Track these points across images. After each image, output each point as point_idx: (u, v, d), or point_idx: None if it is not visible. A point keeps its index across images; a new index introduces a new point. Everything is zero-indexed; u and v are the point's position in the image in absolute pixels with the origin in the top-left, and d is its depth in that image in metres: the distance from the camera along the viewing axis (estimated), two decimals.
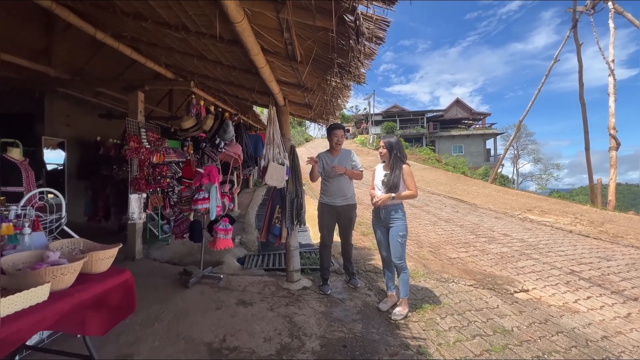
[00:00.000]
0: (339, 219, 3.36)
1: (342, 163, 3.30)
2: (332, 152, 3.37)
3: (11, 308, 1.13)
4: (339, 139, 3.33)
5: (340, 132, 3.34)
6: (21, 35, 4.21)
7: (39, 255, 1.46)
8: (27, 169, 3.28)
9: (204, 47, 2.59)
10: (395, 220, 2.77)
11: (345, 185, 3.29)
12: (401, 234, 2.75)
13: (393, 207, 2.77)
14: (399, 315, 2.75)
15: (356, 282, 3.41)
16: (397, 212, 2.77)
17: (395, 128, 32.76)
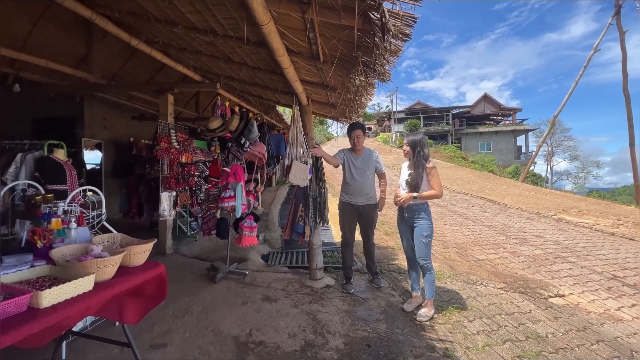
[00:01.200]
0: (360, 218, 3.32)
1: (366, 163, 3.26)
2: (355, 151, 3.32)
3: (62, 296, 1.23)
4: (355, 141, 3.22)
5: (357, 133, 3.21)
6: (64, 44, 4.53)
7: (84, 249, 1.57)
8: (70, 168, 3.54)
9: (230, 50, 2.66)
10: (419, 220, 2.70)
11: (368, 184, 3.25)
12: (425, 234, 2.68)
13: (417, 207, 2.70)
14: (424, 316, 2.69)
15: (380, 282, 3.37)
16: (421, 212, 2.70)
17: (419, 125, 31.97)
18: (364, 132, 3.28)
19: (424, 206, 2.71)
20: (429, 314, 2.71)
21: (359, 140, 3.23)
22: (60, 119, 6.66)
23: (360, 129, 3.24)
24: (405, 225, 2.84)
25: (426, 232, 2.68)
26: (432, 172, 2.63)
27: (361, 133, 3.24)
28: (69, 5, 2.21)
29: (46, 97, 6.13)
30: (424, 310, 2.74)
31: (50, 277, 1.39)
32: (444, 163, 18.65)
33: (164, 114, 4.40)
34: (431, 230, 2.71)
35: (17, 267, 1.39)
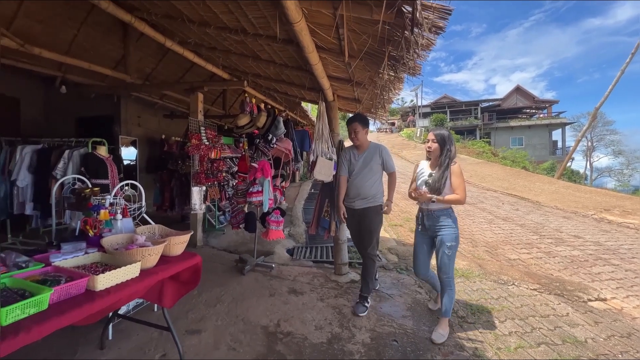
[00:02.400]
0: (359, 224, 2.87)
1: (368, 161, 2.80)
2: (356, 147, 2.88)
3: (113, 280, 1.34)
4: (353, 135, 2.79)
5: (354, 127, 2.76)
6: (104, 47, 4.83)
7: (130, 238, 1.70)
8: (111, 164, 3.79)
9: (259, 48, 2.72)
10: (442, 228, 2.32)
11: (367, 185, 2.78)
12: (449, 244, 2.29)
13: (440, 212, 2.32)
14: (440, 337, 2.33)
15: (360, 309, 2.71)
16: (446, 219, 2.32)
17: (445, 120, 30.90)
18: (363, 124, 2.77)
19: (448, 211, 2.33)
20: (444, 335, 2.35)
21: (357, 135, 2.77)
22: (100, 118, 7.10)
23: (358, 121, 2.77)
24: (425, 235, 2.46)
25: (450, 241, 2.30)
26: (457, 173, 2.29)
27: (359, 126, 2.76)
28: (112, 10, 2.36)
29: (88, 98, 6.56)
30: (440, 331, 2.37)
31: (102, 263, 1.52)
32: (472, 159, 17.94)
33: (195, 111, 4.58)
34: (457, 240, 2.33)
35: (73, 253, 1.52)
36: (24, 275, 1.23)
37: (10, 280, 1.17)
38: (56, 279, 1.22)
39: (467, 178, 13.18)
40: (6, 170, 3.62)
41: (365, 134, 2.82)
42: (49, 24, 4.06)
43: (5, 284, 1.15)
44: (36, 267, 1.31)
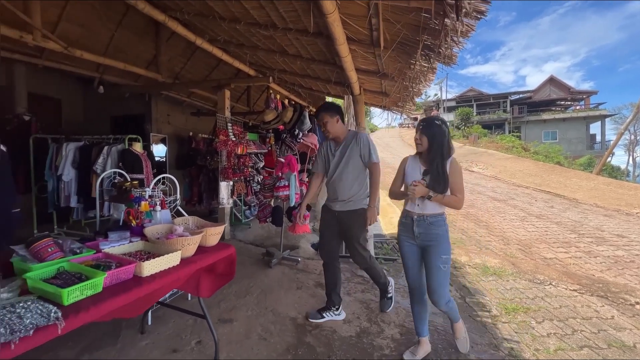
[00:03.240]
0: (339, 229, 2.46)
1: (344, 153, 2.35)
2: (335, 140, 2.43)
3: (157, 267, 1.40)
4: (323, 128, 2.37)
5: (322, 117, 2.31)
6: (137, 48, 5.04)
7: (169, 228, 1.77)
8: (145, 159, 3.98)
9: (287, 43, 2.74)
10: (435, 238, 1.90)
11: (345, 184, 2.35)
12: (444, 256, 1.90)
13: (435, 218, 1.90)
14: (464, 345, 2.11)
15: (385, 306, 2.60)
16: (439, 226, 1.90)
17: (472, 114, 29.74)
18: (331, 113, 2.28)
19: (443, 217, 1.93)
20: (466, 341, 2.11)
21: (327, 126, 2.32)
22: (132, 117, 7.44)
23: (323, 110, 2.30)
24: (413, 243, 1.99)
25: (446, 253, 1.92)
26: (458, 171, 1.87)
27: (327, 116, 2.29)
28: (148, 11, 2.46)
29: (121, 98, 6.89)
30: (462, 337, 2.10)
31: (145, 252, 1.60)
32: (501, 154, 17.16)
33: (222, 108, 4.69)
34: (450, 253, 1.99)
35: (119, 241, 1.61)
36: (79, 260, 1.32)
37: (68, 264, 1.26)
38: (107, 264, 1.30)
39: (495, 174, 12.65)
40: (53, 166, 3.89)
41: (337, 123, 2.32)
42: (88, 28, 4.29)
43: (64, 268, 1.24)
44: (88, 253, 1.40)
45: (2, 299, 1.03)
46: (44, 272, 1.19)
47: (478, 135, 23.67)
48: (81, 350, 1.98)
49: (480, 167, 14.24)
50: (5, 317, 0.92)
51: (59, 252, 1.32)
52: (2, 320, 0.91)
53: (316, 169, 2.55)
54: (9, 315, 0.93)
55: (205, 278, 1.89)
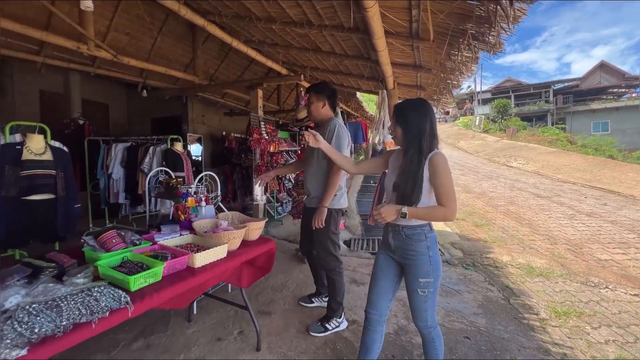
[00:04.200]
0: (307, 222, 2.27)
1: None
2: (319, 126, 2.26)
3: (207, 259, 1.48)
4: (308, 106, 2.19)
5: (310, 96, 2.15)
6: (176, 53, 5.31)
7: (215, 223, 1.86)
8: (186, 158, 4.20)
9: (321, 40, 2.75)
10: (413, 257, 1.45)
11: (311, 176, 2.15)
12: (423, 280, 1.44)
13: (411, 230, 1.45)
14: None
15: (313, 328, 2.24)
16: (417, 241, 1.44)
17: (509, 105, 27.98)
18: (320, 96, 2.09)
19: (423, 230, 1.45)
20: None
21: (311, 108, 2.13)
22: (170, 118, 7.87)
23: (314, 91, 2.12)
24: (390, 257, 1.57)
25: (425, 276, 1.44)
26: (441, 169, 1.36)
27: (313, 96, 2.11)
28: (189, 16, 2.58)
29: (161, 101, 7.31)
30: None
31: (194, 244, 1.69)
32: (543, 148, 16.00)
33: (255, 107, 4.81)
34: (436, 274, 1.46)
35: (171, 234, 1.72)
36: (139, 250, 1.43)
37: (130, 254, 1.37)
38: (164, 255, 1.39)
39: (537, 169, 11.80)
40: (104, 165, 4.22)
41: (322, 108, 2.11)
42: (133, 36, 4.59)
43: (127, 257, 1.35)
44: (146, 245, 1.51)
45: (78, 284, 1.15)
46: (111, 260, 1.30)
47: (517, 128, 22.24)
48: (137, 335, 2.15)
49: (520, 162, 13.38)
50: (85, 300, 1.02)
51: (122, 243, 1.43)
52: (82, 302, 1.01)
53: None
54: (87, 298, 1.03)
55: (246, 270, 1.96)
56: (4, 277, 1.10)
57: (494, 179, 10.07)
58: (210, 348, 2.05)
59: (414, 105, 1.45)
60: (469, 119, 29.69)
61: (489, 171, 11.87)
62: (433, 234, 1.48)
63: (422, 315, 1.51)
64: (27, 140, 2.48)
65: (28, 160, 2.42)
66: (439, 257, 1.48)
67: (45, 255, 1.35)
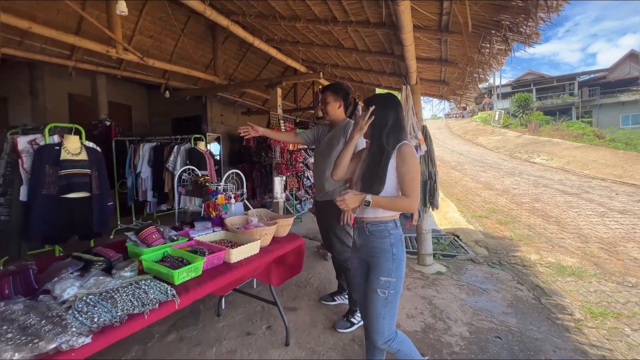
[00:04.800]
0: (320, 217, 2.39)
1: (331, 143, 2.18)
2: (329, 125, 2.28)
3: (242, 255, 1.51)
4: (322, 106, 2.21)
5: (325, 96, 2.17)
6: (197, 54, 5.42)
7: (245, 219, 1.89)
8: (208, 157, 4.29)
9: (344, 36, 2.74)
10: (376, 254, 1.41)
11: (323, 174, 2.18)
12: (383, 279, 1.37)
13: (375, 225, 1.42)
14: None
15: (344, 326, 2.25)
16: (381, 237, 1.40)
17: (531, 99, 26.95)
18: (336, 94, 2.13)
19: (388, 225, 1.40)
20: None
21: (327, 107, 2.16)
22: (190, 118, 8.06)
23: (329, 90, 2.16)
24: (359, 257, 1.54)
25: (387, 275, 1.37)
26: (409, 159, 1.34)
27: (331, 96, 2.14)
28: (214, 17, 2.63)
29: (181, 101, 7.50)
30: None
31: (227, 240, 1.73)
32: (568, 143, 15.32)
33: (274, 106, 4.86)
34: (397, 274, 1.40)
35: (205, 230, 1.77)
36: (177, 246, 1.47)
37: (171, 250, 1.41)
38: (202, 251, 1.43)
39: (563, 165, 11.33)
40: (132, 164, 4.37)
41: (338, 108, 2.16)
42: (156, 38, 4.72)
43: (168, 252, 1.39)
44: (183, 240, 1.56)
45: (126, 277, 1.20)
46: (154, 255, 1.35)
47: (539, 122, 21.42)
48: (170, 327, 2.22)
49: (543, 157, 12.89)
50: (135, 292, 1.07)
51: (161, 239, 1.48)
52: (133, 294, 1.06)
53: (304, 134, 2.36)
54: (137, 290, 1.08)
55: (276, 268, 1.99)
56: (58, 270, 1.17)
57: (517, 176, 9.76)
58: (241, 342, 2.09)
59: (380, 99, 1.46)
60: (488, 114, 28.83)
61: (510, 167, 11.51)
62: (397, 232, 1.43)
63: (379, 325, 1.35)
64: (64, 141, 2.60)
65: (66, 160, 2.55)
66: (404, 257, 1.41)
67: (92, 249, 1.41)
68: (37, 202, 2.39)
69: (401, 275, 1.40)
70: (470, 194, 7.32)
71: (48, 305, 0.97)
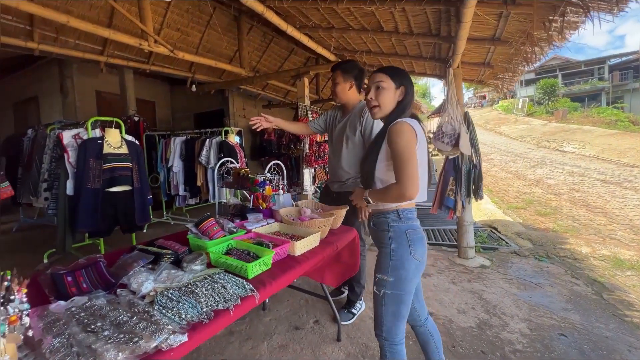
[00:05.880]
0: None
1: (345, 127, 1.98)
2: (342, 109, 2.09)
3: (305, 248, 1.44)
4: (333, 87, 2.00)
5: (336, 76, 1.96)
6: (221, 46, 5.37)
7: (298, 211, 1.81)
8: (238, 149, 4.26)
9: (386, 17, 2.59)
10: (379, 248, 1.31)
11: (340, 163, 1.99)
12: (380, 276, 1.24)
13: (377, 218, 1.30)
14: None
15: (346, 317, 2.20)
16: (382, 230, 1.27)
17: (557, 85, 25.66)
18: (347, 76, 1.93)
19: (388, 217, 1.24)
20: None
21: (337, 89, 1.95)
22: (212, 112, 8.08)
23: (341, 70, 1.94)
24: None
25: (383, 273, 1.23)
26: (393, 139, 1.14)
27: (341, 77, 1.93)
28: (250, 4, 2.53)
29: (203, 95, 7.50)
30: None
31: (282, 232, 1.66)
32: (601, 130, 14.48)
33: (302, 96, 4.75)
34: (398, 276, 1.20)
35: (259, 223, 1.70)
36: (239, 238, 1.41)
37: (235, 242, 1.35)
38: (266, 243, 1.36)
39: (597, 154, 10.71)
40: (164, 158, 4.39)
41: (349, 90, 1.94)
42: (183, 31, 4.69)
43: (233, 245, 1.33)
44: (241, 233, 1.49)
45: (197, 270, 1.15)
46: (219, 248, 1.29)
47: (567, 109, 20.40)
48: None
49: (574, 146, 12.25)
50: (214, 286, 1.00)
51: (222, 231, 1.43)
52: (212, 288, 0.99)
53: (314, 124, 2.18)
54: (214, 285, 1.02)
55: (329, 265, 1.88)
56: (129, 263, 1.12)
57: (549, 165, 9.31)
58: (291, 337, 2.04)
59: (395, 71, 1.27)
60: (510, 102, 27.72)
61: (540, 157, 11.00)
62: (400, 225, 1.22)
63: (378, 321, 1.26)
64: (105, 135, 2.60)
65: (108, 153, 2.55)
66: (409, 255, 1.20)
67: (154, 242, 1.37)
68: (83, 196, 2.40)
69: (403, 276, 1.19)
70: (503, 185, 7.03)
71: (130, 300, 0.92)
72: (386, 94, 1.21)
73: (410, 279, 1.20)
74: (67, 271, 1.08)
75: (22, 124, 7.03)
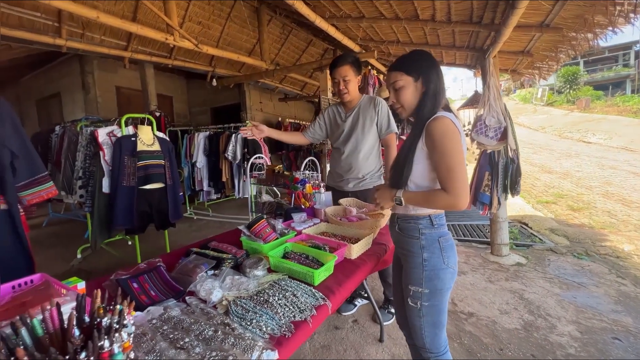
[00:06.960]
0: None
1: (357, 121, 1.91)
2: (345, 104, 1.99)
3: (360, 250, 1.38)
4: (341, 86, 1.87)
5: (344, 71, 1.82)
6: (241, 39, 5.30)
7: (343, 210, 1.76)
8: (263, 144, 4.21)
9: (425, 5, 2.47)
10: (406, 255, 1.15)
11: (359, 157, 1.90)
12: (414, 289, 1.11)
13: (406, 221, 1.15)
14: None
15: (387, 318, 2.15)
16: (411, 237, 1.13)
17: (579, 73, 24.58)
18: (356, 71, 1.85)
19: (421, 222, 1.12)
20: None
21: (348, 86, 1.85)
22: (229, 107, 8.06)
23: (350, 63, 1.83)
24: (397, 255, 1.27)
25: (417, 284, 1.11)
26: (436, 140, 1.00)
27: (352, 72, 1.83)
28: None
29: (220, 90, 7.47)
30: None
31: (330, 233, 1.61)
32: (628, 119, 13.81)
33: (324, 89, 4.66)
34: (433, 287, 1.09)
35: (305, 223, 1.65)
36: (292, 240, 1.37)
37: (291, 245, 1.31)
38: (322, 247, 1.31)
39: (626, 144, 10.22)
40: (188, 154, 4.40)
41: (357, 85, 1.90)
42: (205, 24, 4.63)
43: (289, 248, 1.29)
44: (292, 235, 1.45)
45: (259, 276, 1.11)
46: (277, 251, 1.25)
47: (590, 98, 19.55)
48: None
49: (600, 137, 11.75)
50: (286, 295, 0.96)
51: (274, 233, 1.38)
52: (285, 298, 0.95)
53: (310, 133, 2.07)
54: (286, 293, 0.97)
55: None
56: (191, 268, 1.09)
57: (574, 157, 8.96)
58: (332, 337, 2.02)
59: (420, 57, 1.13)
60: (528, 91, 26.77)
61: (565, 148, 10.61)
62: (434, 232, 1.10)
63: (418, 334, 1.14)
64: (138, 132, 2.59)
65: (142, 151, 2.54)
66: (443, 265, 1.08)
67: (208, 245, 1.34)
68: (119, 194, 2.41)
69: (439, 287, 1.09)
70: (529, 178, 6.81)
71: (204, 310, 0.89)
72: (406, 93, 1.10)
73: (447, 289, 1.12)
74: (130, 276, 1.06)
75: (45, 121, 7.18)
